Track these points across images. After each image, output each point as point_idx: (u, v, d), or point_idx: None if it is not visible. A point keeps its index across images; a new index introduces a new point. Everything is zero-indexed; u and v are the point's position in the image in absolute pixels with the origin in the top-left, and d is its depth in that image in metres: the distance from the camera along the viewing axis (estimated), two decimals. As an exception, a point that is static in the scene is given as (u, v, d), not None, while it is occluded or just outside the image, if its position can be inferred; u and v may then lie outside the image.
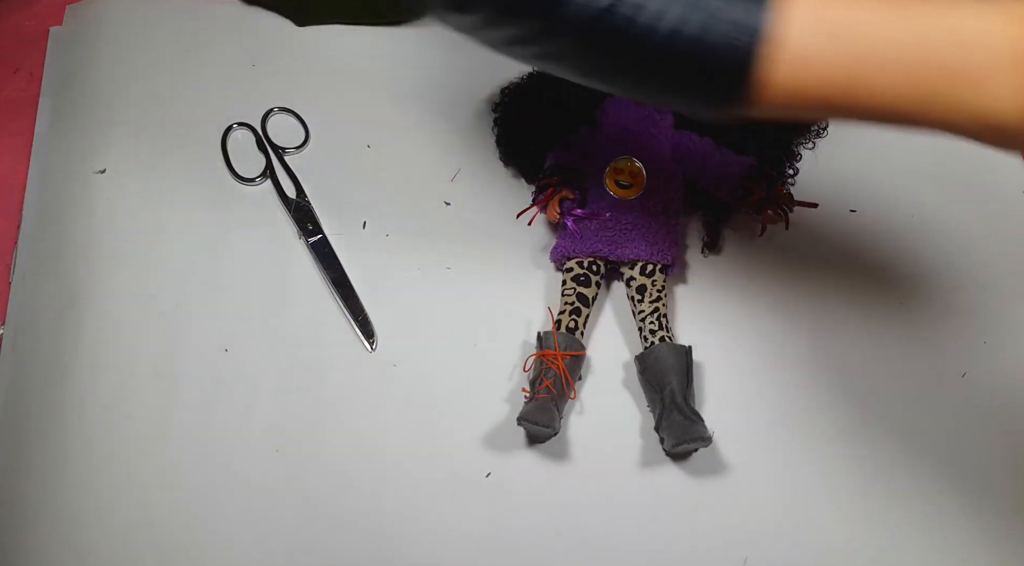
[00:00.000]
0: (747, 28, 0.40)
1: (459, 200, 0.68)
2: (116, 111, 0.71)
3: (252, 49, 0.74)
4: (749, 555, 0.56)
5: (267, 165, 0.69)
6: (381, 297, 0.64)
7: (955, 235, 0.66)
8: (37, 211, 0.67)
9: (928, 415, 0.60)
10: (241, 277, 0.64)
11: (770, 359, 0.62)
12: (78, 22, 0.75)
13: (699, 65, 0.41)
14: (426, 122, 0.71)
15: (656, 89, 0.43)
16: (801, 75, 0.40)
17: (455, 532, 0.56)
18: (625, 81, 0.44)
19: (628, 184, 0.63)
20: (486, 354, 0.62)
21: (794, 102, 0.41)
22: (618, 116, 0.65)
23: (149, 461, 0.58)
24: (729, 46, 0.40)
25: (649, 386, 0.59)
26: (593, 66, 0.44)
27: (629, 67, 0.43)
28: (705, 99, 0.43)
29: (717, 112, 0.44)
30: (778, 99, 0.41)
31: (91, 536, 0.56)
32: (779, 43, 0.40)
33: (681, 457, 0.59)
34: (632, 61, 0.42)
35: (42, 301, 0.63)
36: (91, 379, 0.60)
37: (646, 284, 0.61)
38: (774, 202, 0.63)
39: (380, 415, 0.60)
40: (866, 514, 0.57)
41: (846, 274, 0.65)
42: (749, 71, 0.40)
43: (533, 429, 0.57)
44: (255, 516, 0.57)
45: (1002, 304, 0.64)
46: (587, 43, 0.42)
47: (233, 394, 0.60)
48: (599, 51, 0.42)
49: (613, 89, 0.45)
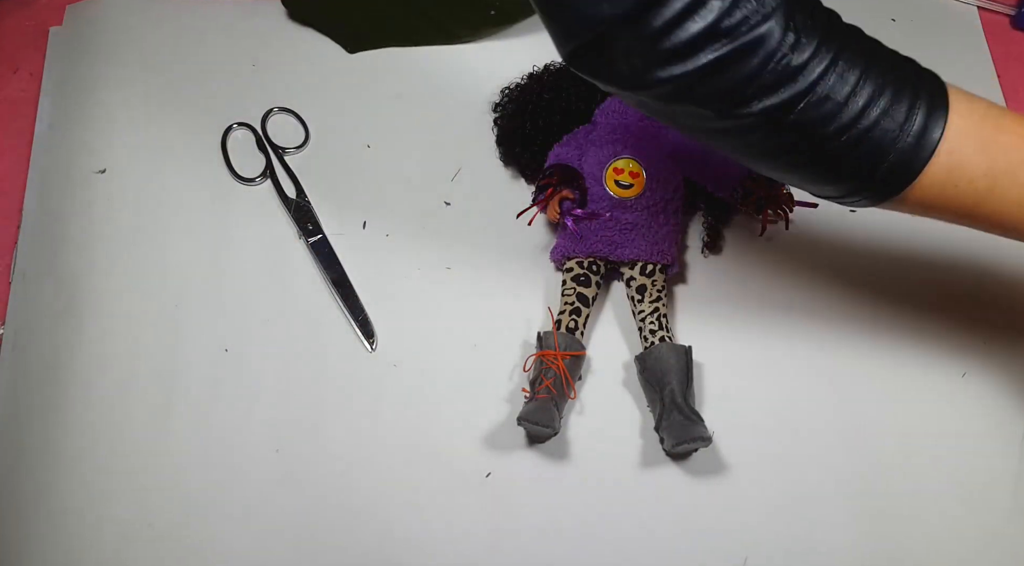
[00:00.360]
0: (926, 141, 0.44)
1: (459, 200, 0.68)
2: (116, 111, 0.71)
3: (252, 49, 0.74)
4: (749, 555, 0.56)
5: (267, 165, 0.69)
6: (381, 297, 0.64)
7: (955, 235, 0.66)
8: (37, 211, 0.67)
9: (928, 415, 0.60)
10: (241, 277, 0.64)
11: (770, 359, 0.62)
12: (78, 22, 0.75)
13: (868, 163, 0.44)
14: (426, 122, 0.71)
15: (821, 178, 0.46)
16: (951, 181, 0.45)
17: (455, 532, 0.56)
18: (792, 166, 0.46)
19: (628, 184, 0.63)
20: (486, 354, 0.62)
21: (937, 203, 0.46)
22: (618, 116, 0.65)
23: (149, 461, 0.58)
24: (905, 153, 0.44)
25: (649, 386, 0.59)
26: (768, 150, 0.46)
27: (804, 156, 0.45)
28: (862, 192, 0.46)
29: (865, 204, 0.47)
30: (925, 200, 0.46)
31: (91, 535, 0.56)
32: (940, 153, 0.44)
33: (681, 457, 0.59)
34: (811, 148, 0.45)
35: (42, 301, 0.63)
36: (91, 379, 0.60)
37: (646, 284, 0.61)
38: (774, 202, 0.63)
39: (380, 415, 0.60)
40: (866, 514, 0.57)
41: (846, 274, 0.65)
42: (915, 176, 0.45)
43: (533, 429, 0.57)
44: (255, 516, 0.57)
45: (1002, 304, 0.64)
46: (774, 131, 0.44)
47: (233, 394, 0.60)
48: (780, 139, 0.44)
49: (778, 169, 0.47)
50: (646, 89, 0.44)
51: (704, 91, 0.43)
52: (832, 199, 0.48)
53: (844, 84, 0.43)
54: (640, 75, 0.43)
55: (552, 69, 0.70)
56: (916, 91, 0.44)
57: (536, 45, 0.74)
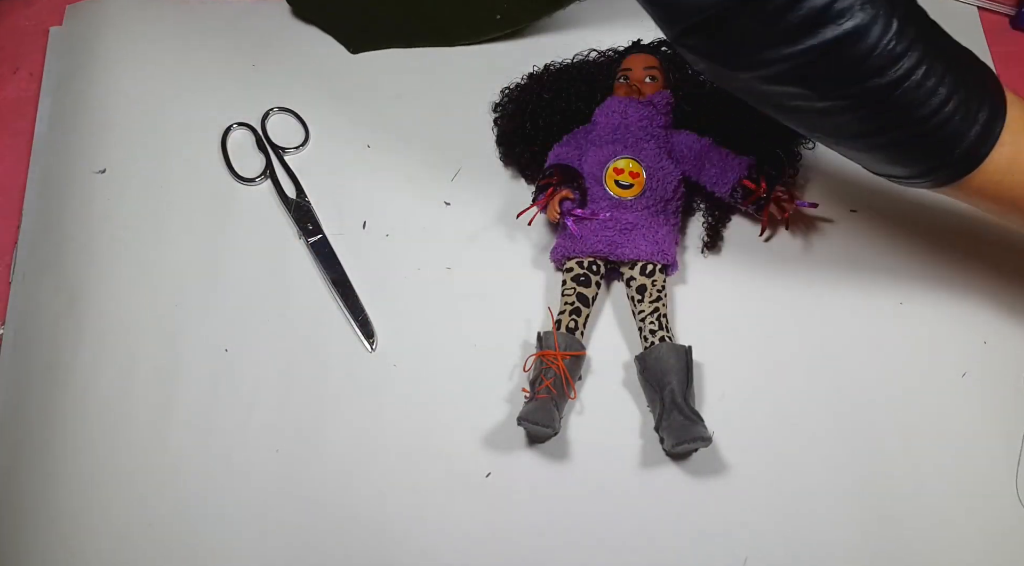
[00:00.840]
0: (991, 132, 0.48)
1: (459, 200, 0.68)
2: (116, 111, 0.71)
3: (252, 49, 0.74)
4: (749, 555, 0.56)
5: (267, 165, 0.69)
6: (381, 297, 0.64)
7: (955, 235, 0.66)
8: (37, 211, 0.67)
9: (928, 415, 0.60)
10: (241, 277, 0.64)
11: (770, 359, 0.62)
12: (78, 22, 0.75)
13: (943, 148, 0.48)
14: (426, 122, 0.71)
15: (899, 159, 0.50)
16: (1009, 171, 0.49)
17: (455, 532, 0.56)
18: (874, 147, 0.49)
19: (628, 184, 0.63)
20: (486, 354, 0.62)
21: (995, 190, 0.50)
22: (618, 116, 0.65)
23: (149, 461, 0.58)
24: (974, 141, 0.48)
25: (649, 386, 0.59)
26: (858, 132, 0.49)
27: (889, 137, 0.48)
28: (932, 175, 0.50)
29: (929, 186, 0.51)
30: (985, 187, 0.50)
31: (91, 536, 0.56)
32: (1002, 143, 0.48)
33: (681, 457, 0.59)
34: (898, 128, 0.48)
35: (42, 301, 0.63)
36: (91, 379, 0.60)
37: (646, 284, 0.61)
38: (774, 202, 0.63)
39: (380, 415, 0.60)
40: (866, 514, 0.57)
41: (846, 274, 0.65)
42: (979, 162, 0.48)
43: (533, 429, 0.57)
44: (255, 516, 0.57)
45: (1002, 304, 0.64)
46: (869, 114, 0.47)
47: (233, 394, 0.60)
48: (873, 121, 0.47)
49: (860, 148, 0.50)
50: (758, 69, 0.46)
51: (813, 72, 0.45)
52: (899, 180, 0.51)
53: (934, 74, 0.46)
54: (753, 55, 0.45)
55: (552, 69, 0.70)
56: (984, 87, 0.48)
57: (536, 45, 0.74)
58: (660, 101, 0.66)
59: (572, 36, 0.74)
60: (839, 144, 0.51)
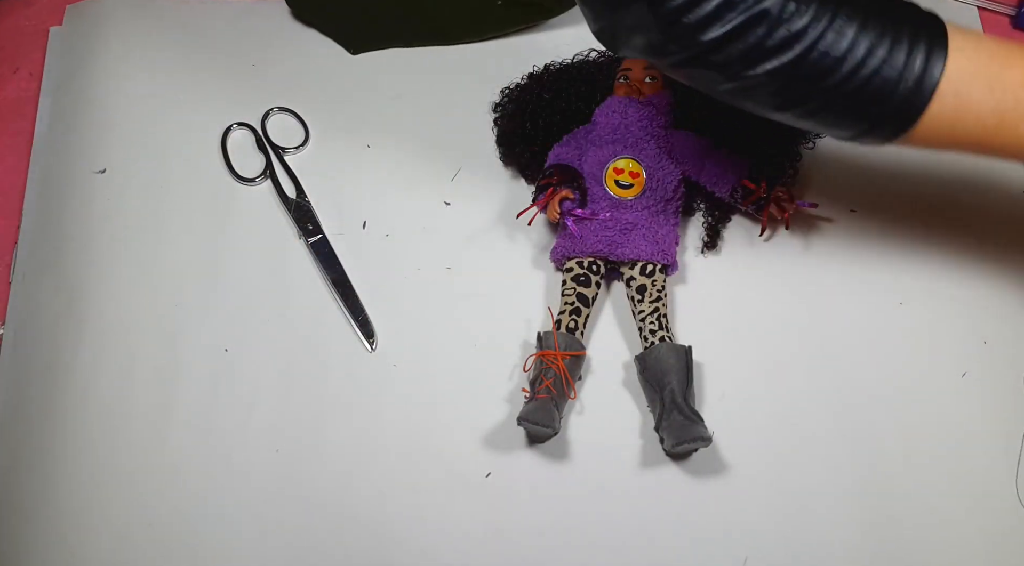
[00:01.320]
0: (926, 84, 0.46)
1: (459, 200, 0.68)
2: (116, 111, 0.71)
3: (252, 49, 0.74)
4: (749, 555, 0.56)
5: (267, 165, 0.69)
6: (381, 297, 0.64)
7: (955, 235, 0.66)
8: (37, 211, 0.67)
9: (928, 415, 0.60)
10: (241, 277, 0.64)
11: (770, 359, 0.62)
12: (78, 22, 0.75)
13: (873, 107, 0.47)
14: (426, 122, 0.71)
15: (833, 123, 0.50)
16: (958, 119, 0.48)
17: (455, 532, 0.56)
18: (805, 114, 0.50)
19: (628, 184, 0.63)
20: (486, 354, 0.62)
21: (946, 140, 0.49)
22: (618, 116, 0.65)
23: (149, 461, 0.58)
24: (906, 96, 0.47)
25: (649, 386, 0.59)
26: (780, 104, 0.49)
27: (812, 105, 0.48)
28: (872, 134, 0.49)
29: (877, 143, 0.50)
30: (934, 137, 0.49)
31: (91, 536, 0.56)
32: (944, 94, 0.46)
33: (681, 457, 0.59)
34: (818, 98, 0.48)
35: (42, 301, 0.63)
36: (91, 379, 0.60)
37: (646, 284, 0.61)
38: (774, 202, 0.63)
39: (380, 415, 0.60)
40: (866, 514, 0.57)
41: (846, 274, 0.65)
42: (918, 116, 0.47)
43: (533, 429, 0.57)
44: (255, 516, 0.57)
45: (1002, 304, 0.64)
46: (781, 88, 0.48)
47: (233, 394, 0.60)
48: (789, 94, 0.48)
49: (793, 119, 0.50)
50: (661, 58, 0.49)
51: (714, 59, 0.47)
52: (848, 140, 0.51)
53: (842, 39, 0.46)
54: (656, 48, 0.48)
55: (552, 69, 0.70)
56: (915, 37, 0.46)
57: (536, 45, 0.74)
58: (660, 101, 0.66)
59: (572, 36, 0.74)
60: (770, 116, 0.51)
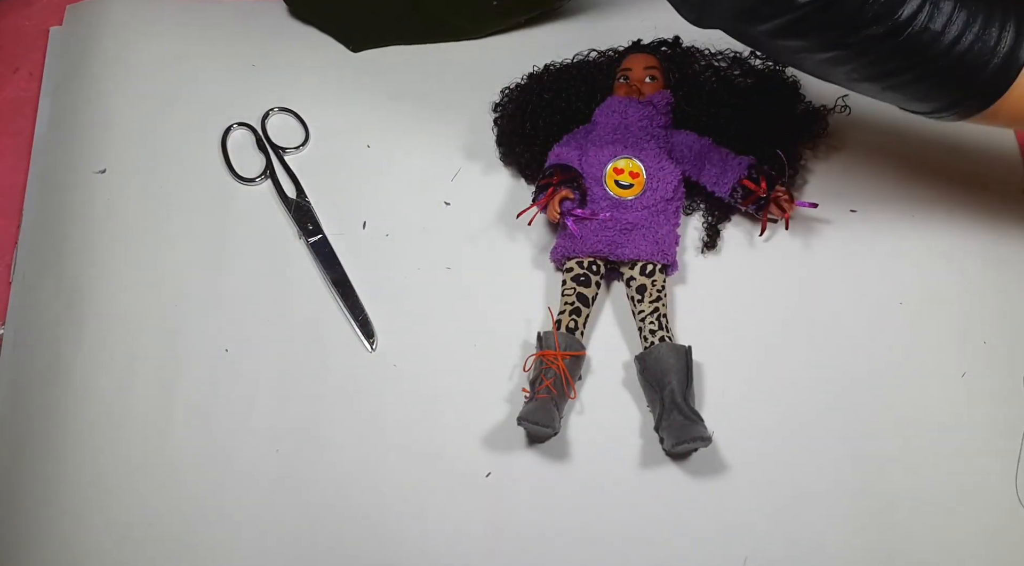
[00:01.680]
0: (1014, 60, 0.48)
1: (459, 200, 0.68)
2: (116, 111, 0.71)
3: (252, 49, 0.74)
4: (749, 555, 0.56)
5: (267, 165, 0.69)
6: (381, 297, 0.64)
7: (955, 235, 0.66)
8: (37, 211, 0.67)
9: (928, 415, 0.60)
10: (241, 277, 0.64)
11: (770, 359, 0.62)
12: (78, 22, 0.75)
13: (962, 82, 0.49)
14: (426, 122, 0.71)
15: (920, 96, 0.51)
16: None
17: (455, 532, 0.56)
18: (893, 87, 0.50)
19: (628, 184, 0.63)
20: (486, 354, 0.62)
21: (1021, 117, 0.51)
22: (618, 116, 0.65)
23: (149, 461, 0.58)
24: (995, 72, 0.49)
25: (649, 386, 0.59)
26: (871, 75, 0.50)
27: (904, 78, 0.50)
28: (954, 108, 0.51)
29: (954, 119, 0.52)
30: (1009, 114, 0.51)
31: (92, 535, 0.56)
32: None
33: (681, 457, 0.59)
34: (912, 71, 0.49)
35: (42, 301, 0.63)
36: (91, 379, 0.60)
37: (646, 284, 0.61)
38: (774, 202, 0.63)
39: (380, 415, 0.60)
40: (866, 514, 0.57)
41: (846, 274, 0.65)
42: (1002, 92, 0.49)
43: (533, 429, 0.57)
44: (255, 516, 0.57)
45: (1002, 304, 0.64)
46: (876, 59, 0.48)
47: (233, 394, 0.60)
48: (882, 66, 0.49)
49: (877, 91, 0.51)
50: (753, 25, 0.48)
51: (810, 25, 0.47)
52: (927, 114, 0.52)
53: (940, 15, 0.47)
54: (748, 13, 0.48)
55: (552, 69, 0.70)
56: (1005, 17, 0.49)
57: (536, 45, 0.74)
58: (660, 101, 0.66)
59: (572, 36, 0.74)
60: (856, 88, 0.52)
